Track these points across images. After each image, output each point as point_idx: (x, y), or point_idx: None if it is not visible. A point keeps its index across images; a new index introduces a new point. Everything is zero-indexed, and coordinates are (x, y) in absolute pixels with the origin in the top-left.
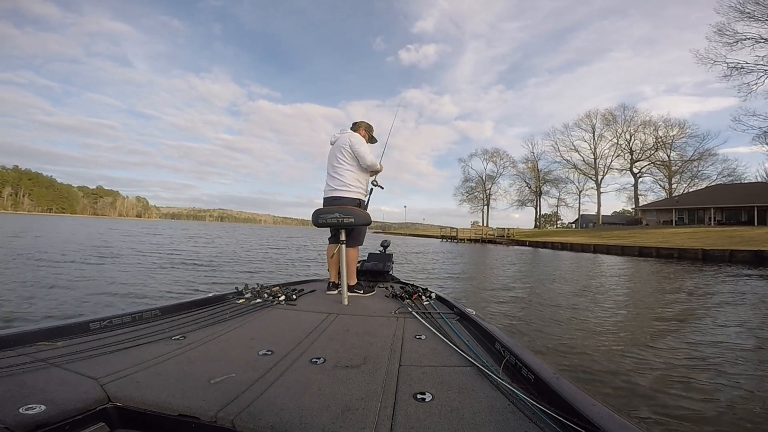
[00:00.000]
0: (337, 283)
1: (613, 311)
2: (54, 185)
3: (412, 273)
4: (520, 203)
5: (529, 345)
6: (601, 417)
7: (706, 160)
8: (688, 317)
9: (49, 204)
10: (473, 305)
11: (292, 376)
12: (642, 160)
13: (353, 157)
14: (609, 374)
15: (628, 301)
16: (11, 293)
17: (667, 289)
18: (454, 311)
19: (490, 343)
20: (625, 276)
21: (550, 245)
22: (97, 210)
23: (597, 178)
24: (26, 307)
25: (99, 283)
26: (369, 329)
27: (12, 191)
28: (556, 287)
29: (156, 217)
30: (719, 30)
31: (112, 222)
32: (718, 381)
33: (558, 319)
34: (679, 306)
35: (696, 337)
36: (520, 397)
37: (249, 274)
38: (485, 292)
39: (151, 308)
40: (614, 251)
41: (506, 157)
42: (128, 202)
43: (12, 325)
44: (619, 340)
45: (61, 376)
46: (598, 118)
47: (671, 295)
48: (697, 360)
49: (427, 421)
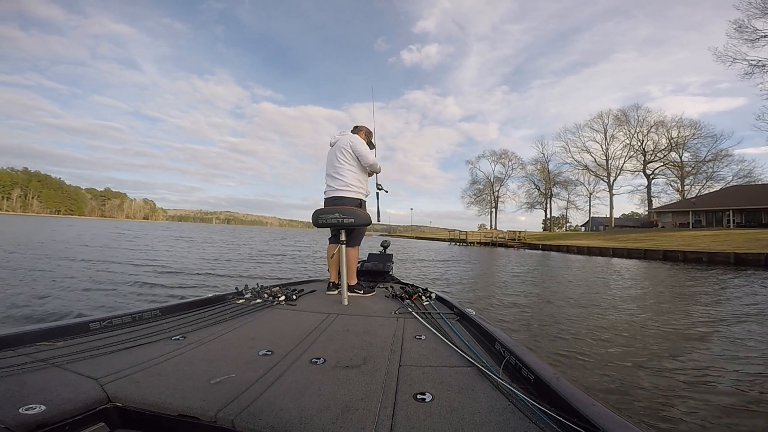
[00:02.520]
0: (337, 284)
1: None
2: (62, 187)
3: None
4: (529, 206)
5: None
6: (601, 417)
7: (722, 161)
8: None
9: (57, 206)
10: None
11: (292, 377)
12: (655, 161)
13: (354, 157)
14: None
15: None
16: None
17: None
18: (454, 311)
19: (490, 344)
20: (681, 286)
21: (565, 248)
22: (105, 212)
23: (609, 179)
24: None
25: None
26: (369, 329)
27: (21, 193)
28: (623, 310)
29: (163, 219)
30: (739, 27)
31: (137, 225)
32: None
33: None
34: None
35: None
36: (520, 397)
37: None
38: (522, 313)
39: (151, 308)
40: (635, 255)
41: (515, 158)
42: (136, 204)
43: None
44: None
45: (61, 376)
46: (610, 118)
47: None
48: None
49: (427, 422)
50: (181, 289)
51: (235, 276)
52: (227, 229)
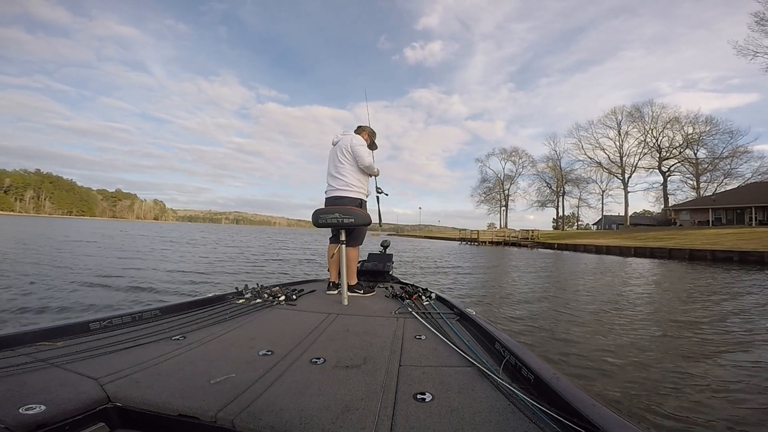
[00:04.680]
0: (337, 283)
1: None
2: (74, 188)
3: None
4: (540, 204)
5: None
6: (601, 417)
7: (740, 157)
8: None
9: (69, 207)
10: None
11: (292, 376)
12: (670, 158)
13: (354, 157)
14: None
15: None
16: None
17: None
18: (454, 311)
19: (490, 343)
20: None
21: (582, 248)
22: (116, 213)
23: (624, 176)
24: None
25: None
26: (369, 329)
27: (34, 194)
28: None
29: (173, 219)
30: (760, 20)
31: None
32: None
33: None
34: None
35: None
36: (520, 397)
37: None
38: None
39: (151, 308)
40: (659, 254)
41: (525, 156)
42: (146, 205)
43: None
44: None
45: (61, 376)
46: (624, 115)
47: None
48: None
49: (427, 421)
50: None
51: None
52: (244, 230)
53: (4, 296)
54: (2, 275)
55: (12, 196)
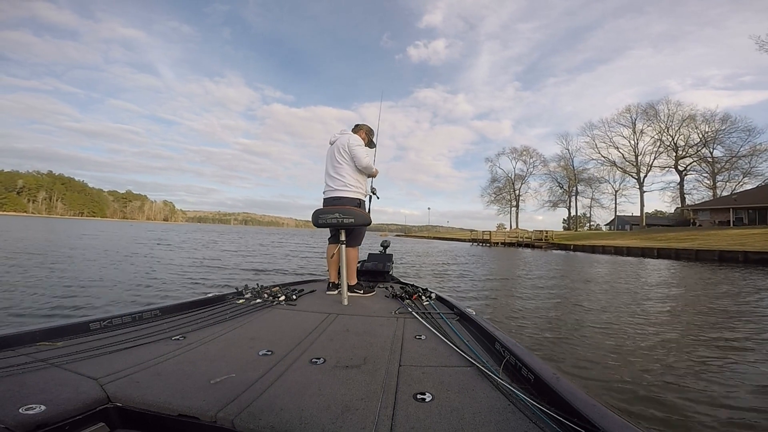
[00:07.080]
0: (337, 284)
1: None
2: (85, 189)
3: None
4: (551, 204)
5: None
6: (601, 417)
7: (759, 155)
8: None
9: (80, 208)
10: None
11: (292, 376)
12: (687, 156)
13: (351, 157)
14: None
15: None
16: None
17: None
18: (454, 311)
19: (490, 343)
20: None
21: (600, 249)
22: (126, 214)
23: (639, 176)
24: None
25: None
26: (369, 329)
27: (46, 195)
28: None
29: (182, 220)
30: None
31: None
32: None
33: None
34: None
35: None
36: (520, 397)
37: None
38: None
39: (151, 308)
40: (684, 256)
41: (536, 155)
42: (156, 206)
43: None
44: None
45: (61, 376)
46: (638, 113)
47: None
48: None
49: (427, 421)
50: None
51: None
52: (263, 231)
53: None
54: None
55: (25, 197)
